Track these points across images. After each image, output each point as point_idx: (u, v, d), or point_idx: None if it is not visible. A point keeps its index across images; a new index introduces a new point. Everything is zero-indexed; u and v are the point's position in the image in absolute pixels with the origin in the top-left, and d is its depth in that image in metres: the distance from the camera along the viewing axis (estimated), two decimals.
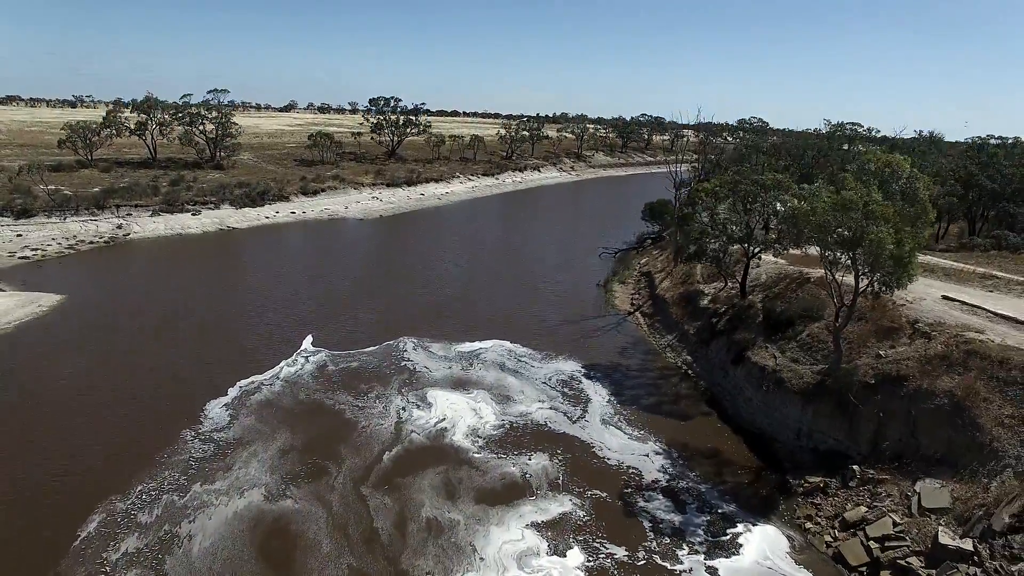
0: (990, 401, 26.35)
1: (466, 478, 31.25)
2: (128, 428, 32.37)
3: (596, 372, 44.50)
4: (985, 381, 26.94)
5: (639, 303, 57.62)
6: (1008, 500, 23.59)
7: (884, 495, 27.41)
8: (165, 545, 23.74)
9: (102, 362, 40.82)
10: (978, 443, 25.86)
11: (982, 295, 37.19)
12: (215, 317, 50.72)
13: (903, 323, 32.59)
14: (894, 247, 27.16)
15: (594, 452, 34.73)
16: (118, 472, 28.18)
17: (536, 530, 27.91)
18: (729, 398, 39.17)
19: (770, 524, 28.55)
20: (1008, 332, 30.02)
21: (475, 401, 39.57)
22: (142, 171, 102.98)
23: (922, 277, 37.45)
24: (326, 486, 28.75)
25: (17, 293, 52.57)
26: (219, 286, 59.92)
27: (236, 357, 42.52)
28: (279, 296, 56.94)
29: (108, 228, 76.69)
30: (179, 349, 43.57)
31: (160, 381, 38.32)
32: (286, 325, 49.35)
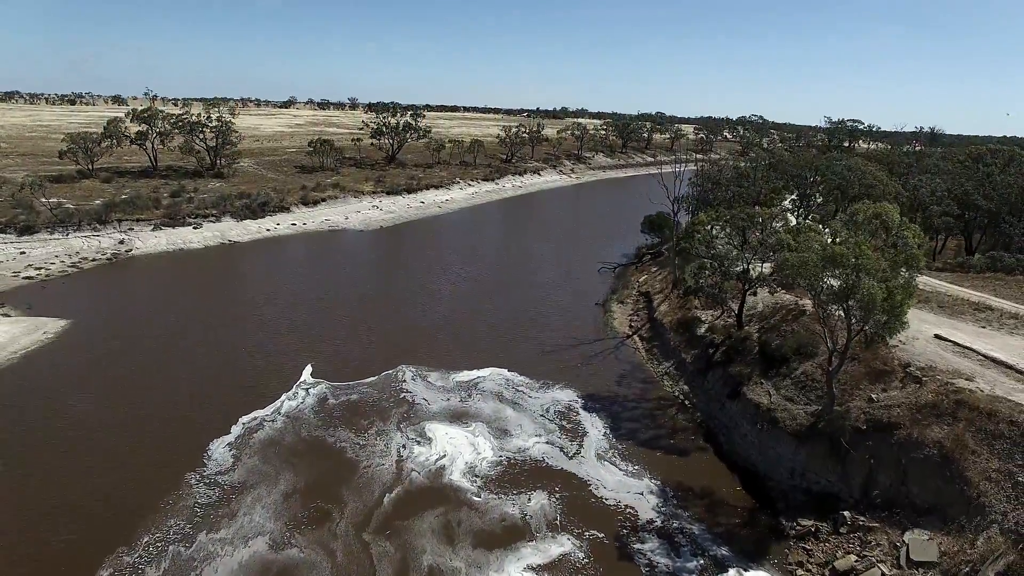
0: (978, 454, 26.94)
1: (466, 520, 31.90)
2: (133, 471, 33.00)
3: (593, 402, 45.09)
4: (973, 433, 27.53)
5: (637, 326, 58.17)
6: (993, 558, 24.21)
7: (874, 544, 28.06)
8: None
9: (106, 398, 41.41)
10: (966, 496, 26.48)
11: (974, 331, 37.71)
12: (216, 345, 51.29)
13: (895, 366, 33.15)
14: (886, 299, 27.67)
15: (591, 490, 35.37)
16: (125, 521, 28.84)
17: (536, 573, 28.64)
18: (725, 433, 39.77)
19: (762, 569, 29.21)
20: (997, 379, 30.56)
21: (473, 435, 40.19)
22: (143, 181, 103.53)
23: (916, 310, 37.98)
24: (329, 533, 29.41)
25: (22, 319, 53.18)
26: (220, 309, 60.45)
27: (238, 390, 43.13)
28: (279, 320, 57.51)
29: (110, 244, 77.25)
30: (182, 382, 44.17)
31: (164, 418, 38.93)
32: (286, 353, 49.93)
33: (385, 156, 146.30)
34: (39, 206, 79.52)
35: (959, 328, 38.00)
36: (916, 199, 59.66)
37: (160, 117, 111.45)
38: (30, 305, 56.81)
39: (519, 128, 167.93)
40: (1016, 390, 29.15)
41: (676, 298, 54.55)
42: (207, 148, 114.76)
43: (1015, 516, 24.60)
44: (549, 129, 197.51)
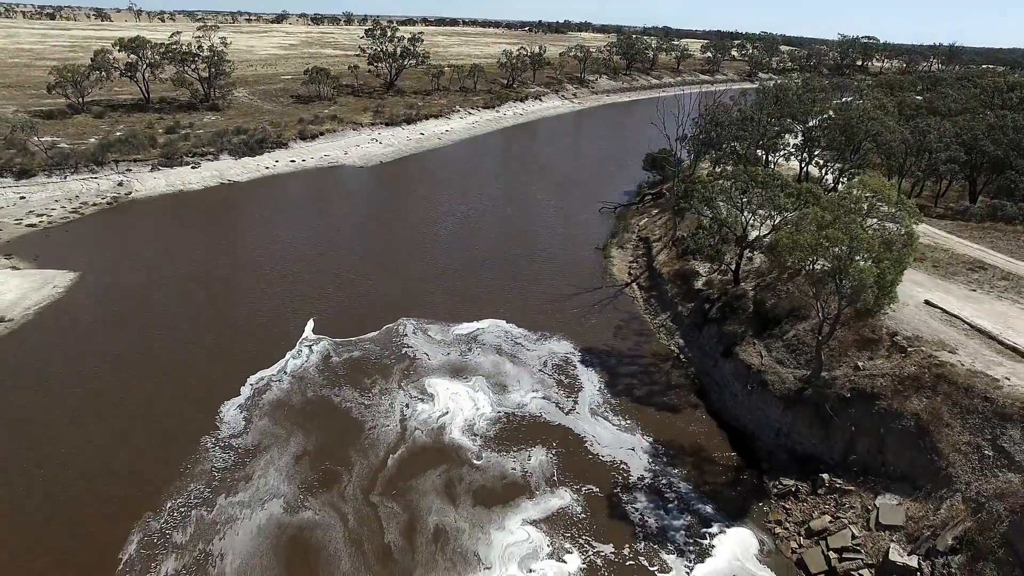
0: (951, 427, 28.33)
1: (467, 478, 33.90)
2: (152, 436, 34.82)
3: (590, 355, 46.48)
4: (949, 407, 28.81)
5: (636, 274, 58.87)
6: (953, 524, 26.07)
7: (848, 506, 30.00)
8: (201, 566, 26.63)
9: (119, 359, 42.82)
10: (935, 466, 28.08)
11: (965, 295, 38.41)
12: (221, 299, 52.30)
13: (883, 334, 34.10)
14: (877, 278, 28.22)
15: (586, 446, 37.25)
16: (148, 486, 30.82)
17: (534, 528, 30.73)
18: (717, 390, 41.30)
19: (744, 527, 31.31)
20: (979, 351, 31.55)
21: (473, 390, 41.80)
22: (136, 115, 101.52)
23: (910, 271, 38.45)
24: (339, 495, 31.43)
25: (31, 272, 54.02)
26: (223, 259, 61.09)
27: (244, 348, 44.46)
28: (280, 270, 58.21)
29: (109, 186, 76.92)
30: (190, 340, 45.43)
31: (175, 378, 40.48)
32: (288, 307, 50.94)
33: (383, 83, 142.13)
34: (33, 147, 78.63)
35: (950, 292, 38.66)
36: (923, 144, 58.69)
37: (149, 47, 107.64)
38: (36, 256, 57.51)
39: (520, 51, 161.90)
40: (995, 363, 30.20)
41: (674, 250, 54.89)
42: (200, 79, 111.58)
43: (977, 486, 26.23)
44: (552, 48, 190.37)
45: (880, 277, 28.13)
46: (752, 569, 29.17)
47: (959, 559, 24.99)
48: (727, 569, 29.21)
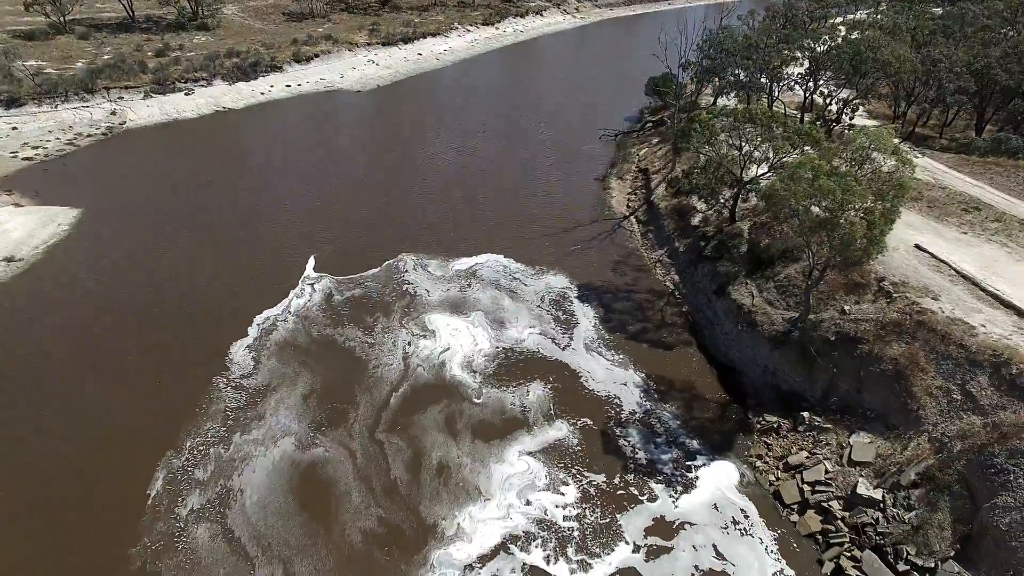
0: (926, 372, 29.75)
1: (468, 413, 35.83)
2: (166, 376, 36.54)
3: (587, 291, 47.62)
4: (926, 353, 30.12)
5: (635, 207, 59.06)
6: (917, 461, 27.99)
7: (824, 443, 31.96)
8: (223, 500, 28.89)
9: (128, 299, 44.00)
10: (908, 408, 29.74)
11: (955, 238, 38.94)
12: (222, 235, 52.81)
13: (871, 279, 34.97)
14: (866, 231, 28.80)
15: (581, 382, 39.05)
16: (167, 425, 32.77)
17: (532, 459, 32.89)
18: (709, 327, 42.67)
19: (727, 460, 33.44)
20: (961, 298, 32.52)
21: (473, 326, 43.25)
22: (122, 36, 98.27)
23: (905, 211, 38.79)
24: (347, 433, 33.44)
25: (34, 209, 54.43)
26: (221, 192, 61.10)
27: (248, 286, 45.49)
28: (279, 204, 58.45)
29: (102, 115, 75.69)
30: (195, 278, 46.42)
31: (184, 319, 41.80)
32: (289, 243, 51.53)
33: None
34: (18, 72, 76.80)
35: (942, 235, 39.17)
36: (933, 73, 57.15)
37: None
38: (37, 191, 57.67)
39: None
40: (974, 310, 31.24)
41: (673, 188, 54.81)
42: None
43: (943, 427, 27.95)
44: None
45: (869, 229, 28.67)
46: (732, 498, 31.49)
47: (919, 493, 27.04)
48: (710, 498, 31.52)
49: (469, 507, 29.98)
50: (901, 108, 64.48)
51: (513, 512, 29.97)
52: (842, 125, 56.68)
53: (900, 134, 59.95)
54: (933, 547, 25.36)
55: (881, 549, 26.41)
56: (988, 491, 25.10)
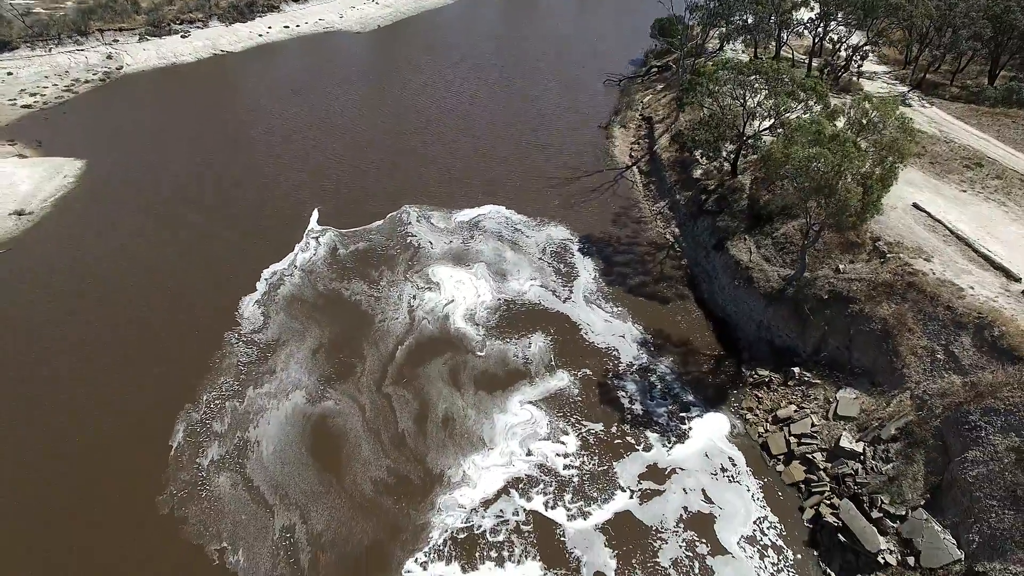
0: (913, 332, 30.76)
1: (472, 365, 37.15)
2: (180, 332, 37.81)
3: (587, 243, 48.26)
4: (914, 314, 31.04)
5: (637, 156, 58.86)
6: (898, 417, 29.39)
7: (812, 398, 33.37)
8: (241, 451, 30.65)
9: (138, 253, 44.93)
10: (893, 366, 30.92)
11: (954, 196, 39.15)
12: (226, 188, 53.09)
13: (867, 239, 35.50)
14: (861, 197, 29.20)
15: (581, 334, 40.25)
16: (183, 379, 34.27)
17: (534, 407, 34.45)
18: (707, 281, 43.50)
19: (719, 412, 34.96)
20: (953, 259, 33.12)
21: (476, 278, 44.21)
22: None
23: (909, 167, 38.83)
24: (355, 386, 34.93)
25: (38, 160, 54.65)
26: (223, 143, 60.98)
27: (254, 239, 46.29)
28: (281, 154, 58.42)
29: (98, 60, 74.56)
30: (202, 231, 47.12)
31: (194, 274, 42.76)
32: (292, 195, 51.97)
33: None
34: (6, 12, 75.14)
35: (941, 192, 39.35)
36: (947, 18, 55.61)
37: None
38: (39, 142, 57.71)
39: None
40: (964, 272, 31.92)
41: (677, 143, 54.40)
42: None
43: (924, 385, 29.19)
44: None
45: (865, 195, 29.05)
46: (723, 448, 33.17)
47: (897, 446, 28.56)
48: (701, 447, 33.19)
49: (473, 455, 31.73)
50: (913, 54, 63.00)
51: (515, 460, 31.72)
52: (850, 72, 55.68)
53: (910, 81, 58.99)
54: (906, 496, 27.03)
55: (858, 498, 28.09)
56: (960, 446, 26.54)
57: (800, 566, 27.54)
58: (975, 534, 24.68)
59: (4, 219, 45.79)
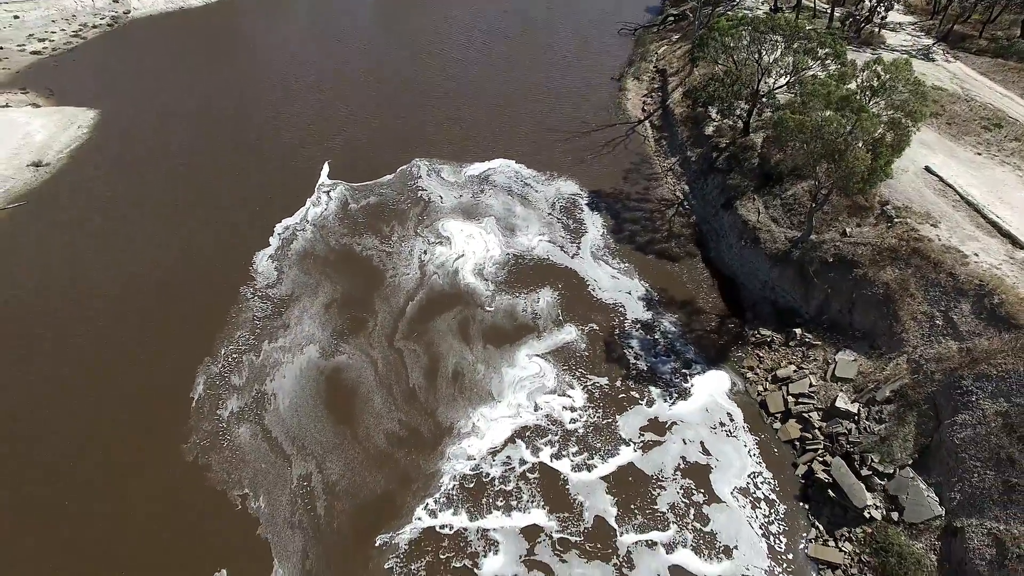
0: (914, 297, 31.19)
1: (481, 319, 38.10)
2: (196, 286, 38.91)
3: (596, 198, 48.39)
4: (917, 280, 31.37)
5: (650, 111, 58.07)
6: (894, 380, 30.19)
7: (812, 359, 34.17)
8: (259, 404, 32.12)
9: (152, 207, 45.69)
10: (893, 331, 31.52)
11: (968, 159, 38.68)
12: (238, 136, 53.38)
13: (875, 203, 35.47)
14: (869, 164, 29.13)
15: (589, 290, 40.94)
16: (201, 333, 35.53)
17: (542, 360, 35.57)
18: (714, 239, 43.76)
19: (721, 370, 35.88)
20: (960, 225, 33.11)
21: (485, 232, 44.76)
22: None
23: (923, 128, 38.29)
24: (367, 340, 36.08)
25: (52, 109, 54.88)
26: (234, 90, 60.74)
27: (266, 192, 46.85)
28: (291, 104, 58.25)
29: (105, 3, 73.56)
30: (215, 185, 47.72)
31: (208, 228, 43.59)
32: (303, 147, 52.13)
33: None
34: None
35: (955, 155, 38.88)
36: None
37: None
38: (51, 90, 57.82)
39: None
40: (970, 238, 31.99)
41: (690, 99, 53.43)
42: None
43: (921, 350, 29.82)
44: None
45: (875, 161, 28.98)
46: (723, 404, 34.26)
47: (891, 408, 29.47)
48: (702, 403, 34.27)
49: (482, 408, 33.05)
50: (941, 3, 60.71)
51: (523, 412, 33.01)
52: (873, 24, 53.95)
53: (936, 33, 57.12)
54: (895, 456, 28.11)
55: (850, 456, 29.23)
56: (951, 409, 27.39)
57: (790, 518, 28.96)
58: (957, 492, 25.82)
59: (22, 171, 46.52)
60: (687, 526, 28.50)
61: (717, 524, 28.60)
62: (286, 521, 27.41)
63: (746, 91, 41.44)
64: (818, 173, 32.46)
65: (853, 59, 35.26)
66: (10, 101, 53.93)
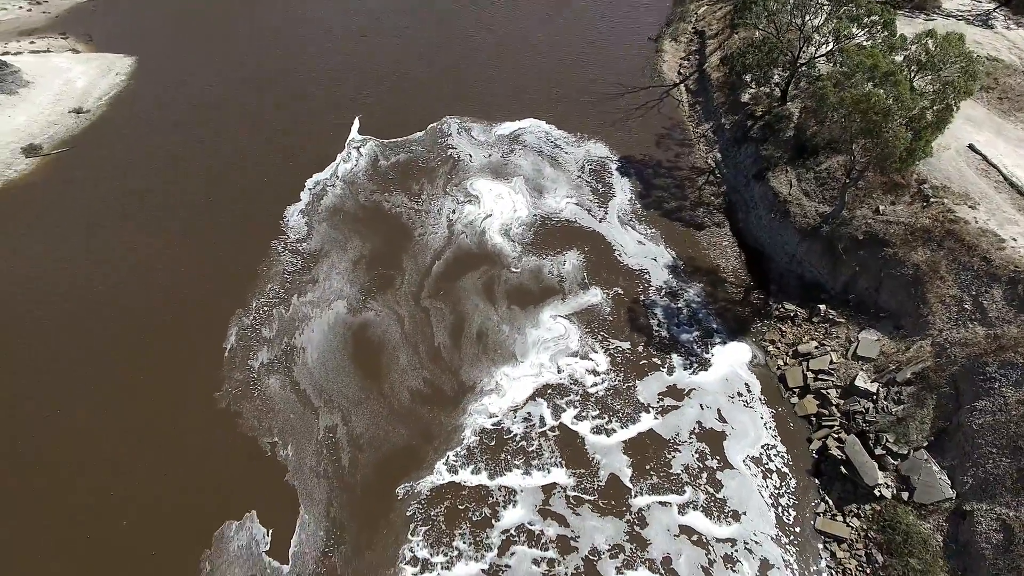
0: (944, 280, 30.74)
1: (506, 279, 38.60)
2: (228, 239, 39.91)
3: (627, 163, 47.91)
4: (949, 263, 30.85)
5: (686, 74, 56.64)
6: (916, 362, 30.10)
7: (834, 336, 34.12)
8: (288, 356, 33.34)
9: (189, 157, 46.52)
10: (919, 312, 31.22)
11: (1017, 138, 37.21)
12: (269, 90, 53.39)
13: (912, 180, 34.60)
14: (909, 143, 28.39)
15: (615, 255, 41.05)
16: (233, 286, 36.64)
17: (567, 321, 36.19)
18: (744, 210, 43.23)
19: (743, 342, 36.05)
20: (1000, 208, 32.20)
21: (514, 192, 44.88)
22: None
23: (970, 103, 36.79)
24: (394, 297, 36.88)
25: (91, 56, 55.57)
26: (265, 45, 60.46)
27: (297, 147, 47.30)
28: (323, 59, 57.94)
29: None
30: (247, 137, 48.27)
31: (241, 180, 44.38)
32: (334, 102, 52.08)
33: None
34: None
35: (1003, 133, 37.47)
36: None
37: None
38: (89, 35, 58.44)
39: None
40: (1009, 222, 31.16)
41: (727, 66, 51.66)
42: None
43: (947, 334, 29.58)
44: None
45: (915, 139, 28.23)
46: (742, 375, 34.59)
47: (910, 390, 29.48)
48: (722, 374, 34.63)
49: (504, 367, 33.86)
50: None
51: (544, 371, 33.78)
52: None
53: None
54: (911, 437, 28.29)
55: (865, 435, 29.48)
56: (972, 395, 27.34)
57: (801, 490, 29.56)
58: (970, 477, 26.03)
59: (65, 117, 47.56)
60: (700, 488, 29.41)
61: (729, 490, 29.46)
62: (312, 470, 28.85)
63: (784, 59, 40.15)
64: (854, 149, 31.71)
65: (902, 32, 33.78)
66: (51, 47, 54.70)
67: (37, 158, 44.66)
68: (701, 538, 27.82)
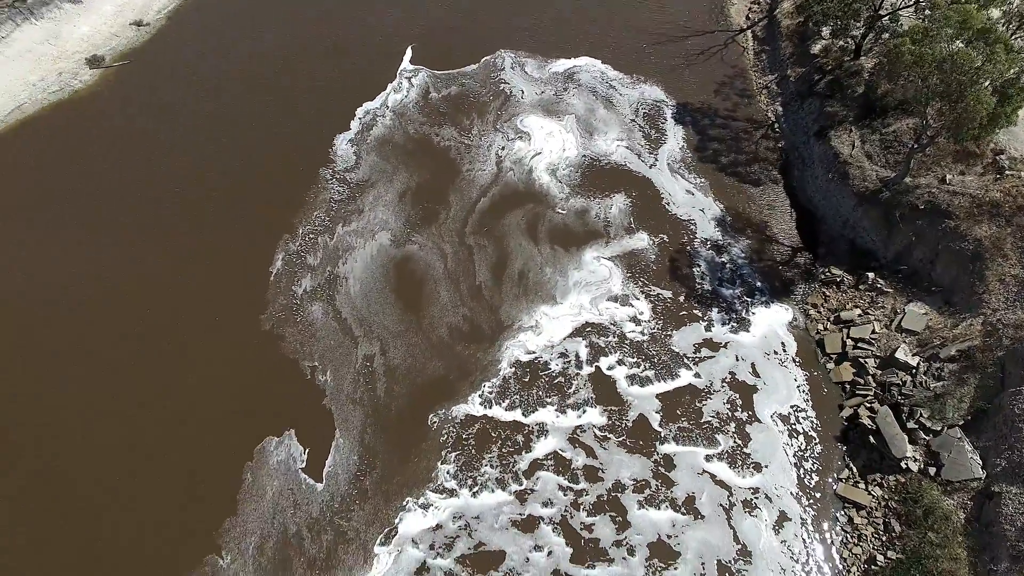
0: (1007, 259, 29.55)
1: (551, 219, 38.59)
2: (278, 163, 40.31)
3: (683, 110, 46.29)
4: (1015, 240, 29.54)
5: (754, 19, 53.50)
6: (962, 339, 29.40)
7: (880, 305, 33.39)
8: (331, 285, 34.32)
9: (244, 79, 46.18)
10: (975, 290, 30.25)
11: None
12: (322, 17, 52.07)
13: (987, 151, 32.79)
14: (992, 109, 26.72)
15: (663, 203, 40.47)
16: (281, 211, 37.39)
17: (609, 264, 36.44)
18: (800, 168, 41.70)
19: (784, 303, 35.72)
20: None
21: (565, 131, 44.05)
22: None
23: None
24: (438, 232, 37.24)
25: None
26: None
27: (349, 74, 46.64)
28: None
29: None
30: (301, 61, 47.44)
31: (293, 105, 44.24)
32: (386, 31, 50.55)
33: None
34: None
35: None
36: None
37: None
38: None
39: None
40: None
41: (803, 14, 48.48)
42: None
43: (1001, 314, 28.70)
44: None
45: (1000, 105, 26.52)
46: (780, 335, 34.54)
47: (953, 367, 28.92)
48: (761, 331, 34.56)
49: (543, 306, 34.43)
50: None
51: (584, 312, 34.35)
52: None
53: None
54: (946, 414, 27.98)
55: (898, 407, 29.25)
56: (1019, 379, 26.71)
57: (826, 454, 29.88)
58: (1003, 460, 25.81)
59: (126, 29, 47.82)
60: (727, 435, 30.45)
61: (755, 443, 30.29)
62: (349, 397, 30.22)
63: (866, 9, 37.63)
64: (928, 113, 30.00)
65: None
66: None
67: (100, 69, 45.31)
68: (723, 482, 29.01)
